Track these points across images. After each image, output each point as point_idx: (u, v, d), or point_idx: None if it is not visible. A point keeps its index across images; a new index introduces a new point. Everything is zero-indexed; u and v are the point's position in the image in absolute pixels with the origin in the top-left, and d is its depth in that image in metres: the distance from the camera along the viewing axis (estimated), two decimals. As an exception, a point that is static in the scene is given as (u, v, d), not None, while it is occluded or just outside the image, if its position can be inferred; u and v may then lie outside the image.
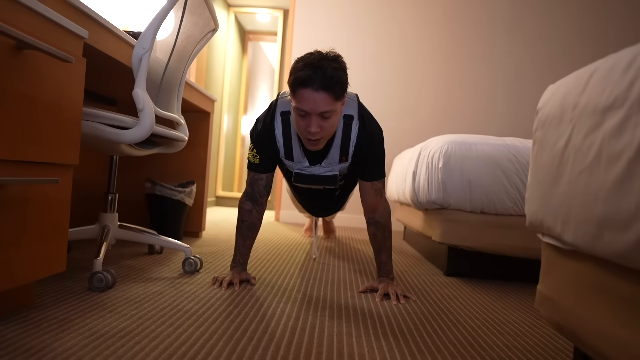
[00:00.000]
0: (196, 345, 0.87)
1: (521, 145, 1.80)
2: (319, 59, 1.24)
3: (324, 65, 1.21)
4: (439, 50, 3.66)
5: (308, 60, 1.24)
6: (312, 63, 1.22)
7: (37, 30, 0.90)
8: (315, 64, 1.22)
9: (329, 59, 1.25)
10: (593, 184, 0.59)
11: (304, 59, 1.26)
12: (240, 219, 1.46)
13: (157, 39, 1.28)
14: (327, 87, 1.21)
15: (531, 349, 0.99)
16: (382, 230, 1.47)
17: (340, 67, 1.26)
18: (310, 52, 1.28)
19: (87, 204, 2.12)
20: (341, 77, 1.24)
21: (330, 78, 1.21)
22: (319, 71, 1.20)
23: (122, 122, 1.25)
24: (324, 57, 1.25)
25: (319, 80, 1.20)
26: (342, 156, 1.43)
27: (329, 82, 1.21)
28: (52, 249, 0.99)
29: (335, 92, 1.23)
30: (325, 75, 1.20)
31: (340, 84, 1.24)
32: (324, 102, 1.22)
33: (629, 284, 0.56)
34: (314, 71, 1.21)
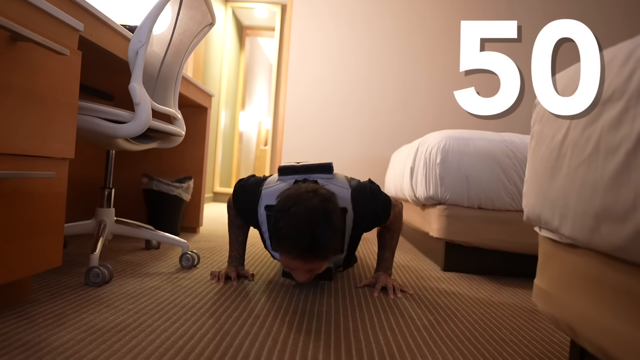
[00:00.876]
0: (193, 340, 0.87)
1: (519, 141, 1.80)
2: (307, 222, 1.03)
3: (314, 234, 1.03)
4: (436, 45, 3.65)
5: (293, 222, 1.04)
6: (297, 229, 1.03)
7: (32, 22, 0.89)
8: (301, 230, 1.03)
9: (318, 219, 1.04)
10: (591, 176, 0.59)
11: (288, 214, 1.05)
12: (230, 219, 1.46)
13: (154, 33, 1.27)
14: (318, 256, 1.06)
15: (528, 343, 0.99)
16: (391, 232, 1.45)
17: (331, 226, 1.06)
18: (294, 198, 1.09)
19: (84, 199, 2.11)
20: (333, 241, 1.08)
21: (322, 249, 1.05)
22: (306, 241, 1.03)
23: (119, 116, 1.24)
24: (312, 214, 1.04)
25: (307, 252, 1.04)
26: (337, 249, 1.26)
27: (320, 252, 1.05)
28: (47, 243, 0.98)
29: (326, 257, 1.09)
30: (316, 249, 1.04)
31: (332, 248, 1.09)
32: (314, 265, 1.10)
33: (626, 276, 0.56)
34: (301, 245, 1.03)
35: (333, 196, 1.15)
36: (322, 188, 1.15)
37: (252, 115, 6.25)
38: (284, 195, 1.13)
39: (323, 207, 1.07)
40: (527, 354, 0.93)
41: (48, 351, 0.77)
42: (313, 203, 1.07)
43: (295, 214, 1.05)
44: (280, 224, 1.06)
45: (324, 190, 1.13)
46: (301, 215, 1.04)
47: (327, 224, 1.06)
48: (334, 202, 1.13)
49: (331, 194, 1.15)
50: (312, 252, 1.05)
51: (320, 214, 1.06)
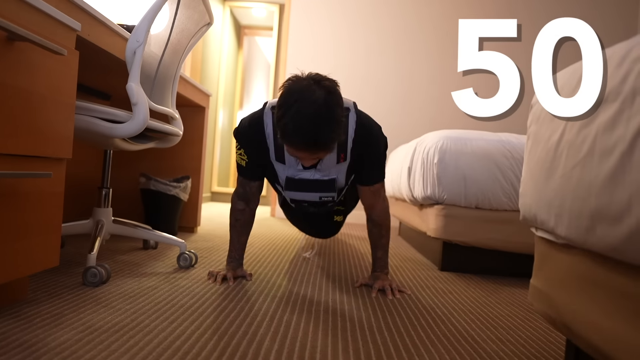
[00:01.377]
0: (191, 340, 0.87)
1: (516, 141, 1.81)
2: (311, 119, 1.04)
3: (317, 131, 1.05)
4: (434, 45, 3.66)
5: (297, 120, 1.05)
6: (302, 127, 1.04)
7: (29, 22, 0.89)
8: (306, 129, 1.04)
9: (322, 114, 1.05)
10: (586, 177, 0.60)
11: (292, 111, 1.06)
12: (233, 217, 1.43)
13: (152, 33, 1.27)
14: (323, 149, 1.11)
15: (524, 342, 1.00)
16: (378, 228, 1.44)
17: (336, 122, 1.08)
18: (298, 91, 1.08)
19: (81, 198, 2.11)
20: (337, 136, 1.10)
21: (326, 144, 1.09)
22: (311, 140, 1.06)
23: (116, 116, 1.24)
24: (317, 114, 1.05)
25: (313, 148, 1.08)
26: (340, 153, 1.30)
27: (325, 147, 1.09)
28: (45, 243, 0.98)
29: (331, 149, 1.13)
30: (320, 144, 1.08)
31: (336, 142, 1.12)
32: (320, 155, 1.15)
33: (620, 277, 0.56)
34: (305, 141, 1.06)
35: (336, 86, 1.13)
36: (325, 77, 1.13)
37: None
38: (287, 88, 1.11)
39: (326, 101, 1.07)
40: (524, 353, 0.93)
41: (45, 351, 0.77)
42: (316, 97, 1.06)
43: (299, 110, 1.05)
44: (285, 120, 1.07)
45: (327, 81, 1.11)
46: (305, 112, 1.05)
47: (331, 118, 1.07)
48: (337, 93, 1.11)
49: (334, 84, 1.13)
50: (317, 146, 1.08)
51: (323, 109, 1.06)
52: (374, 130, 1.34)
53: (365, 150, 1.33)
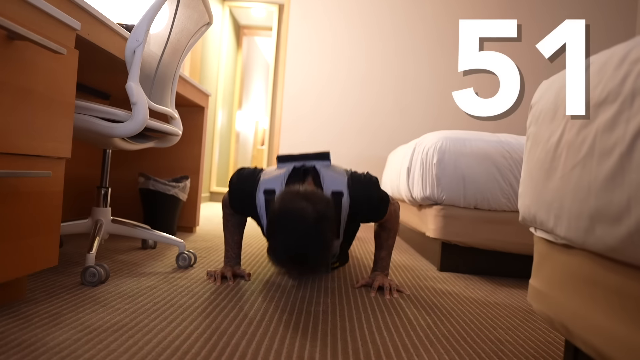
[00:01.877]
0: (190, 340, 0.87)
1: (515, 142, 1.81)
2: (301, 244, 1.04)
3: (308, 256, 1.06)
4: (434, 45, 3.66)
5: (285, 244, 1.05)
6: (292, 257, 1.06)
7: (29, 20, 0.88)
8: (296, 258, 1.05)
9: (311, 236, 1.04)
10: (586, 178, 0.60)
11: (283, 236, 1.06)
12: (225, 218, 1.46)
13: (151, 32, 1.27)
14: (310, 271, 1.19)
15: (523, 343, 1.00)
16: (386, 231, 1.45)
17: (324, 242, 1.07)
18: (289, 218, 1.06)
19: (80, 198, 2.10)
20: (325, 257, 1.11)
21: (315, 269, 1.14)
22: (301, 263, 1.07)
23: (115, 115, 1.24)
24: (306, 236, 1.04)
25: (301, 268, 1.12)
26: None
27: (314, 270, 1.17)
28: (43, 243, 0.98)
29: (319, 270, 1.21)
30: (309, 267, 1.10)
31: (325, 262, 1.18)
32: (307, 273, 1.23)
33: (619, 277, 0.57)
34: (296, 264, 1.08)
35: (328, 206, 1.13)
36: (318, 196, 1.13)
37: (249, 115, 6.24)
38: (278, 203, 1.11)
39: (316, 226, 1.05)
40: (522, 353, 0.94)
41: (44, 351, 0.76)
42: (307, 222, 1.05)
43: (289, 235, 1.05)
44: (274, 242, 1.09)
45: (319, 203, 1.10)
46: (294, 238, 1.05)
47: (319, 242, 1.06)
48: (329, 214, 1.11)
49: (327, 203, 1.13)
50: (303, 267, 1.11)
51: (312, 232, 1.05)
52: (369, 201, 1.32)
53: (362, 217, 1.36)
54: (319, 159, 1.37)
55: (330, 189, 1.29)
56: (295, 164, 1.35)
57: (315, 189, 1.18)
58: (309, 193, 1.12)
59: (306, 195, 1.11)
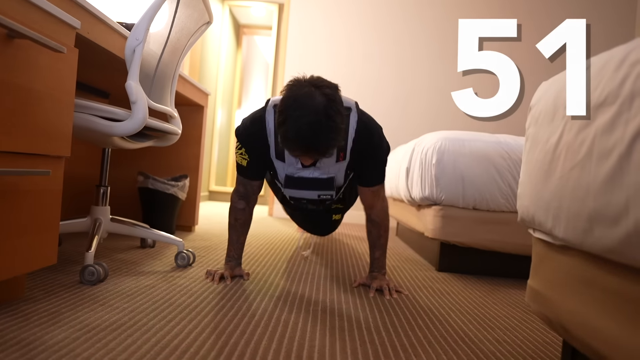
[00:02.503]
0: (188, 339, 0.87)
1: (514, 143, 1.81)
2: (312, 125, 1.05)
3: (318, 138, 1.06)
4: (433, 45, 3.67)
5: (297, 127, 1.06)
6: (302, 136, 1.06)
7: (29, 19, 0.88)
8: (306, 138, 1.06)
9: (322, 123, 1.06)
10: (584, 179, 0.60)
11: (293, 118, 1.07)
12: (233, 217, 1.43)
13: (151, 31, 1.26)
14: (323, 154, 1.14)
15: (521, 343, 1.00)
16: (377, 228, 1.45)
17: (336, 130, 1.09)
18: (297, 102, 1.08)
19: (79, 196, 2.10)
20: (336, 143, 1.12)
21: (326, 150, 1.12)
22: (311, 148, 1.08)
23: (115, 114, 1.24)
24: (317, 120, 1.05)
25: (313, 153, 1.12)
26: (340, 152, 1.30)
27: (324, 151, 1.12)
28: (42, 241, 0.98)
29: (331, 153, 1.16)
30: (320, 149, 1.10)
31: (336, 147, 1.15)
32: (319, 158, 1.19)
33: (617, 278, 0.57)
34: (306, 148, 1.09)
35: (336, 92, 1.13)
36: (326, 82, 1.14)
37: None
38: (287, 93, 1.12)
39: (326, 108, 1.07)
40: (520, 353, 0.94)
41: (43, 349, 0.76)
42: (316, 104, 1.07)
43: (299, 118, 1.06)
44: (285, 127, 1.09)
45: (328, 88, 1.12)
46: (304, 119, 1.06)
47: (330, 126, 1.08)
48: (337, 99, 1.12)
49: (334, 88, 1.14)
50: (316, 152, 1.12)
51: (323, 117, 1.07)
52: (375, 131, 1.35)
53: (366, 151, 1.34)
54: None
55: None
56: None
57: (323, 78, 1.17)
58: (315, 79, 1.14)
59: (312, 81, 1.13)
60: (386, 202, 1.47)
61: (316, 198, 1.41)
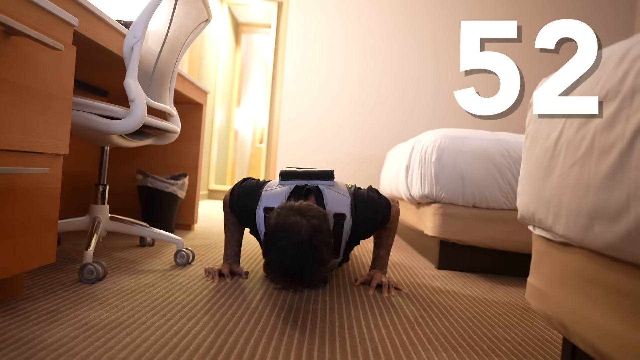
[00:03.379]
0: (188, 337, 0.87)
1: (513, 140, 1.81)
2: (296, 255, 1.04)
3: (303, 269, 1.06)
4: (434, 43, 3.66)
5: (282, 256, 1.05)
6: (287, 265, 1.05)
7: (26, 16, 0.88)
8: (291, 267, 1.05)
9: (307, 253, 1.04)
10: (584, 176, 0.60)
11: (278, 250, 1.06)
12: (225, 216, 1.46)
13: (150, 29, 1.26)
14: (306, 287, 1.21)
15: (520, 341, 1.00)
16: (387, 231, 1.46)
17: (320, 261, 1.08)
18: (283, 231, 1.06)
19: (78, 195, 2.10)
20: (322, 273, 1.13)
21: (310, 283, 1.16)
22: (296, 278, 1.08)
23: (113, 112, 1.23)
24: (301, 250, 1.04)
25: (298, 284, 1.17)
26: (332, 254, 1.27)
27: (309, 285, 1.19)
28: (41, 240, 0.98)
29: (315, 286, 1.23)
30: (305, 281, 1.11)
31: (321, 279, 1.19)
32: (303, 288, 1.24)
33: (617, 275, 0.57)
34: (291, 278, 1.09)
35: (324, 221, 1.12)
36: (314, 210, 1.12)
37: (248, 113, 6.23)
38: (274, 221, 1.11)
39: (311, 240, 1.05)
40: (520, 351, 0.94)
41: (41, 348, 0.76)
42: (302, 236, 1.05)
43: (284, 249, 1.05)
44: (270, 256, 1.09)
45: (315, 217, 1.09)
46: (289, 252, 1.04)
47: (314, 259, 1.06)
48: (323, 229, 1.10)
49: (322, 218, 1.12)
50: (300, 283, 1.15)
51: (307, 251, 1.05)
52: (370, 223, 1.35)
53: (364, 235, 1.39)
54: (322, 178, 1.35)
55: (333, 211, 1.28)
56: (298, 182, 1.33)
57: (312, 205, 1.16)
58: (304, 207, 1.12)
59: (301, 209, 1.10)
60: (397, 207, 1.45)
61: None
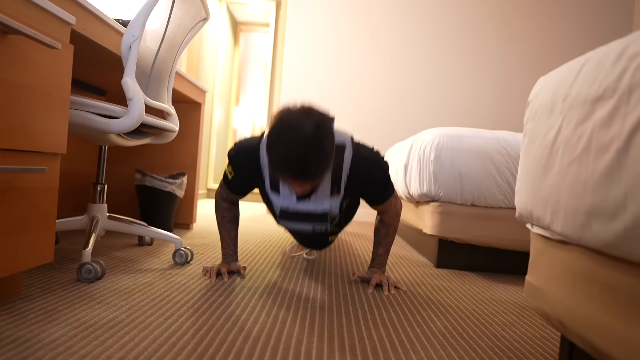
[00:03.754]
0: (186, 336, 0.87)
1: (512, 139, 1.81)
2: (298, 150, 1.05)
3: (305, 158, 1.06)
4: (431, 43, 3.66)
5: (285, 150, 1.06)
6: (290, 159, 1.05)
7: (23, 15, 0.88)
8: (294, 158, 1.05)
9: (309, 145, 1.05)
10: (582, 174, 0.60)
11: (282, 142, 1.07)
12: (220, 214, 1.45)
13: (147, 28, 1.26)
14: (311, 178, 1.11)
15: (519, 339, 1.00)
16: (386, 228, 1.45)
17: (323, 153, 1.08)
18: (287, 124, 1.08)
19: (76, 194, 2.10)
20: (324, 164, 1.10)
21: (314, 173, 1.09)
22: (299, 169, 1.07)
23: (111, 111, 1.23)
24: (304, 142, 1.05)
25: (301, 177, 1.09)
26: (334, 187, 1.30)
27: (313, 175, 1.09)
28: (39, 239, 0.98)
29: (320, 177, 1.12)
30: (308, 172, 1.08)
31: (325, 169, 1.12)
32: (309, 184, 1.14)
33: (615, 273, 0.57)
34: (293, 170, 1.07)
35: (327, 119, 1.11)
36: (315, 109, 1.12)
37: (246, 112, 6.23)
38: (278, 119, 1.11)
39: (314, 133, 1.06)
40: (518, 349, 0.94)
41: (40, 347, 0.76)
42: (305, 129, 1.06)
43: (287, 142, 1.06)
44: (273, 151, 1.09)
45: (318, 114, 1.10)
46: (293, 144, 1.05)
47: (318, 150, 1.07)
48: (326, 125, 1.10)
49: (325, 117, 1.12)
50: (304, 175, 1.09)
51: (310, 141, 1.05)
52: (371, 164, 1.32)
53: (364, 184, 1.33)
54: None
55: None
56: None
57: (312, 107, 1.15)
58: (306, 108, 1.12)
59: (303, 109, 1.11)
60: (399, 204, 1.44)
61: (310, 230, 1.39)
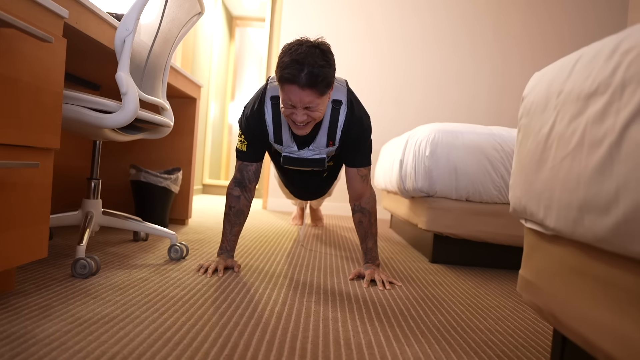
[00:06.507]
0: (181, 331, 0.87)
1: (507, 134, 1.82)
2: (306, 55, 1.21)
3: (310, 63, 1.20)
4: (427, 39, 3.66)
5: (294, 56, 1.22)
6: (298, 60, 1.21)
7: (14, 7, 0.87)
8: (301, 61, 1.20)
9: (316, 54, 1.22)
10: (575, 169, 0.60)
11: (291, 51, 1.24)
12: (228, 205, 1.46)
13: (142, 21, 1.25)
14: (313, 85, 1.22)
15: (512, 332, 1.01)
16: (368, 216, 1.48)
17: (327, 63, 1.24)
18: (298, 42, 1.26)
19: (70, 190, 2.08)
20: (327, 75, 1.23)
21: (316, 77, 1.21)
22: (305, 69, 1.20)
23: (105, 106, 1.22)
24: (311, 52, 1.22)
25: (304, 79, 1.21)
26: (330, 140, 1.45)
27: (315, 80, 1.21)
28: (32, 234, 0.97)
29: (320, 89, 1.24)
30: (311, 74, 1.20)
31: (326, 82, 1.24)
32: (310, 97, 1.24)
33: (607, 267, 0.57)
34: (299, 69, 1.20)
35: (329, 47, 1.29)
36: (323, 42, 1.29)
37: (242, 107, 6.21)
38: (289, 43, 1.29)
39: (322, 51, 1.25)
40: (512, 342, 0.95)
41: (34, 342, 0.76)
42: (314, 48, 1.24)
43: (298, 47, 1.24)
44: (284, 59, 1.24)
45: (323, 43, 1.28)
46: (302, 50, 1.23)
47: (325, 60, 1.23)
48: (330, 50, 1.28)
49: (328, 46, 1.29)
50: (308, 79, 1.21)
51: (318, 53, 1.23)
52: (363, 122, 1.46)
53: (355, 137, 1.46)
54: None
55: (331, 97, 1.39)
56: None
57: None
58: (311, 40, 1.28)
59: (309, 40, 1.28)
60: (373, 190, 1.54)
61: (309, 171, 1.63)
